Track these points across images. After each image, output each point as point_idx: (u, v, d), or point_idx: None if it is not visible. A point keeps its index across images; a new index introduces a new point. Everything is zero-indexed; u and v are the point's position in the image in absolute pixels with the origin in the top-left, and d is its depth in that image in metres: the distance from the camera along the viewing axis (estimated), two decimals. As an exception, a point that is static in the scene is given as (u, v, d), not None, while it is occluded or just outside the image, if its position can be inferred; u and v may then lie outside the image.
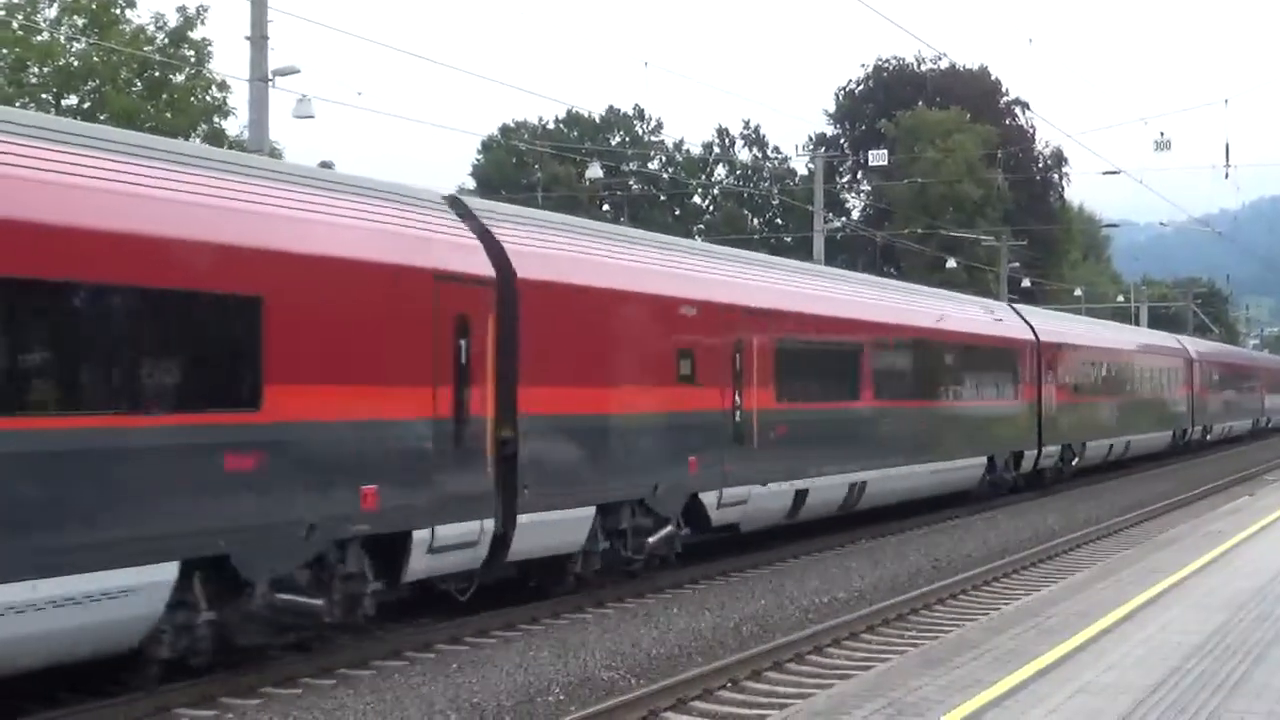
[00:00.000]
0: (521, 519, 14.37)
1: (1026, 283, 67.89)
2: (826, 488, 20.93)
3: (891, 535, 23.45)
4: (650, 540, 16.77)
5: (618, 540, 16.28)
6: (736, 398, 18.43)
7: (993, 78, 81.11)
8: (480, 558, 13.98)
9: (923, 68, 79.70)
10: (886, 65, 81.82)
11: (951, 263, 58.94)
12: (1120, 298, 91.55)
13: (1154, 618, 12.73)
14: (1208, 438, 50.60)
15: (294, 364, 11.72)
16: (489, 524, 13.89)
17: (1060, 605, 13.65)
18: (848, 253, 71.50)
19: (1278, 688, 9.73)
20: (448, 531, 13.28)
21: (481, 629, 14.37)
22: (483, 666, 12.67)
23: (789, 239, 71.35)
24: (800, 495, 20.06)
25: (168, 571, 10.63)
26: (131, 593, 10.31)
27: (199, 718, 10.96)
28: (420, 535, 12.96)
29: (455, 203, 15.05)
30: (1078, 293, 78.51)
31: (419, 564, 13.09)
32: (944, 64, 75.12)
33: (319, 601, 12.07)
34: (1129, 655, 10.93)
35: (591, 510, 15.61)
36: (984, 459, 28.09)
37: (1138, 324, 71.59)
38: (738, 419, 18.45)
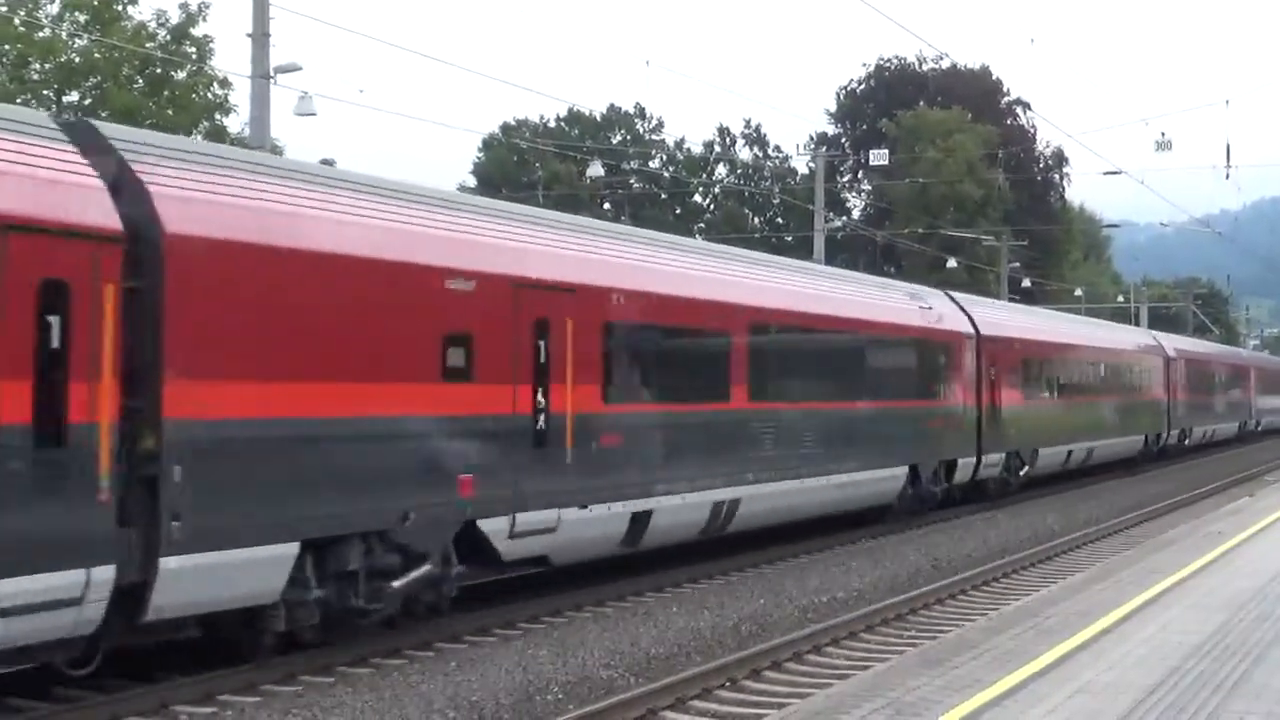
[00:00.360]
0: (168, 563, 10.56)
1: (1027, 283, 68.06)
2: (679, 508, 17.18)
3: (892, 535, 23.46)
4: (395, 585, 12.87)
5: (346, 585, 12.49)
6: (540, 398, 14.67)
7: (994, 78, 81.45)
8: (93, 620, 10.13)
9: (924, 67, 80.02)
10: (888, 65, 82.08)
11: (952, 263, 58.95)
12: (1120, 298, 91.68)
13: (1154, 618, 12.72)
14: (1186, 442, 47.13)
15: None
16: (104, 572, 10.06)
17: (1060, 605, 13.64)
18: (848, 252, 71.64)
19: (1277, 688, 9.73)
20: (17, 588, 9.48)
21: (481, 627, 14.35)
22: (481, 665, 12.66)
23: (790, 238, 71.48)
24: (640, 519, 16.48)
25: None
26: None
27: (198, 715, 10.94)
28: None
29: (80, 130, 11.22)
30: (1078, 293, 78.61)
31: None
32: (945, 64, 75.57)
33: None
34: (1128, 655, 10.92)
35: (293, 547, 11.74)
36: (904, 469, 24.21)
37: (1138, 324, 71.33)
38: (541, 425, 14.69)
